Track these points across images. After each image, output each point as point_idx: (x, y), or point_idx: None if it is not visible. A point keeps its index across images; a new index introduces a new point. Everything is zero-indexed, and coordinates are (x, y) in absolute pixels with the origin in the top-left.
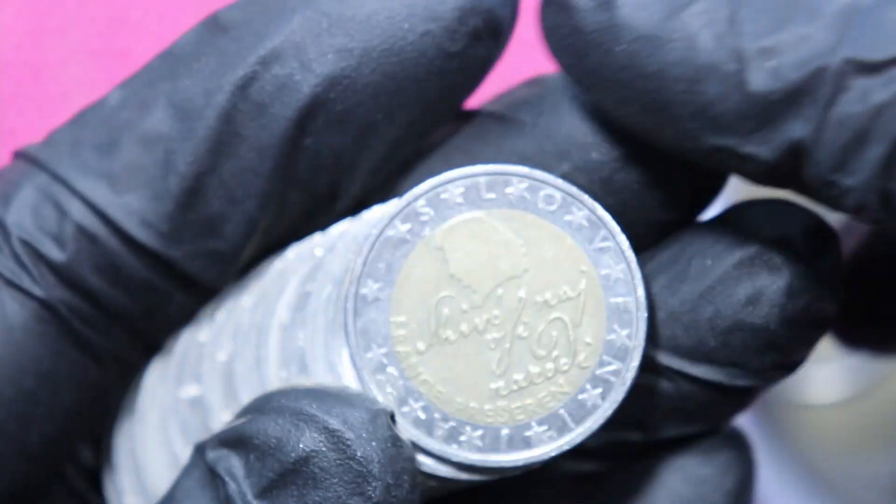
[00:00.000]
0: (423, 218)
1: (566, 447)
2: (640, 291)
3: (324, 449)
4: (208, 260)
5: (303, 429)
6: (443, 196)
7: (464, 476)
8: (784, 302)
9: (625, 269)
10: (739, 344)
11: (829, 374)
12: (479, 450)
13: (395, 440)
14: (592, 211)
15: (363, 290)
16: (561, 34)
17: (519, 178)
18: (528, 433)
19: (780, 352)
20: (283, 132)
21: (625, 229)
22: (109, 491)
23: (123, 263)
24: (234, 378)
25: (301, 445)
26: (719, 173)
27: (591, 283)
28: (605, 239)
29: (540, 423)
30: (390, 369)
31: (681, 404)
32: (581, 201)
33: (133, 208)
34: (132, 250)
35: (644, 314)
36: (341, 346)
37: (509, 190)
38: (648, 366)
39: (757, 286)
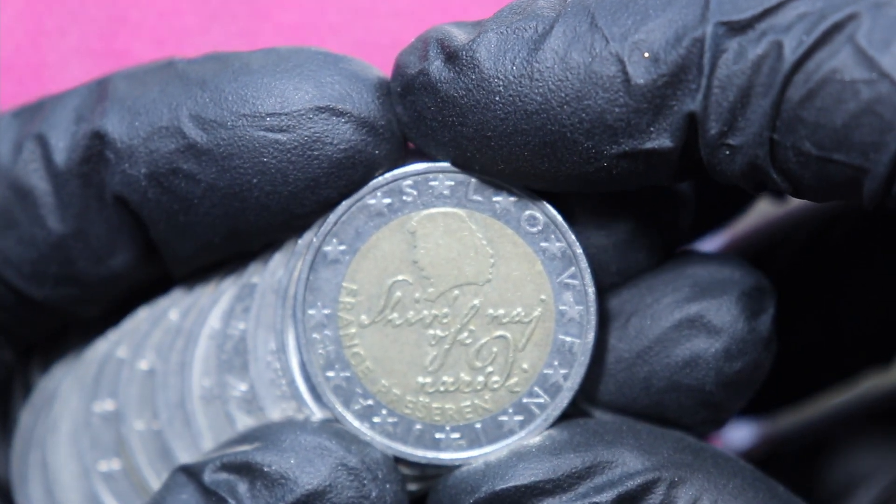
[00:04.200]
0: (406, 198)
1: (471, 461)
2: (590, 338)
3: (340, 486)
4: (69, 303)
5: (319, 463)
6: (431, 183)
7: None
8: (721, 365)
9: (582, 312)
10: (674, 403)
11: None
12: (389, 436)
13: (405, 485)
14: (570, 246)
15: (326, 248)
16: (430, 115)
17: (509, 191)
18: (439, 435)
19: (713, 409)
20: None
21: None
22: (20, 501)
23: None
24: (153, 384)
25: (317, 479)
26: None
27: (546, 313)
28: (573, 276)
29: (454, 430)
30: (328, 331)
31: None
32: (562, 233)
33: None
34: None
35: (586, 361)
36: (288, 309)
37: (497, 199)
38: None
39: (695, 349)
